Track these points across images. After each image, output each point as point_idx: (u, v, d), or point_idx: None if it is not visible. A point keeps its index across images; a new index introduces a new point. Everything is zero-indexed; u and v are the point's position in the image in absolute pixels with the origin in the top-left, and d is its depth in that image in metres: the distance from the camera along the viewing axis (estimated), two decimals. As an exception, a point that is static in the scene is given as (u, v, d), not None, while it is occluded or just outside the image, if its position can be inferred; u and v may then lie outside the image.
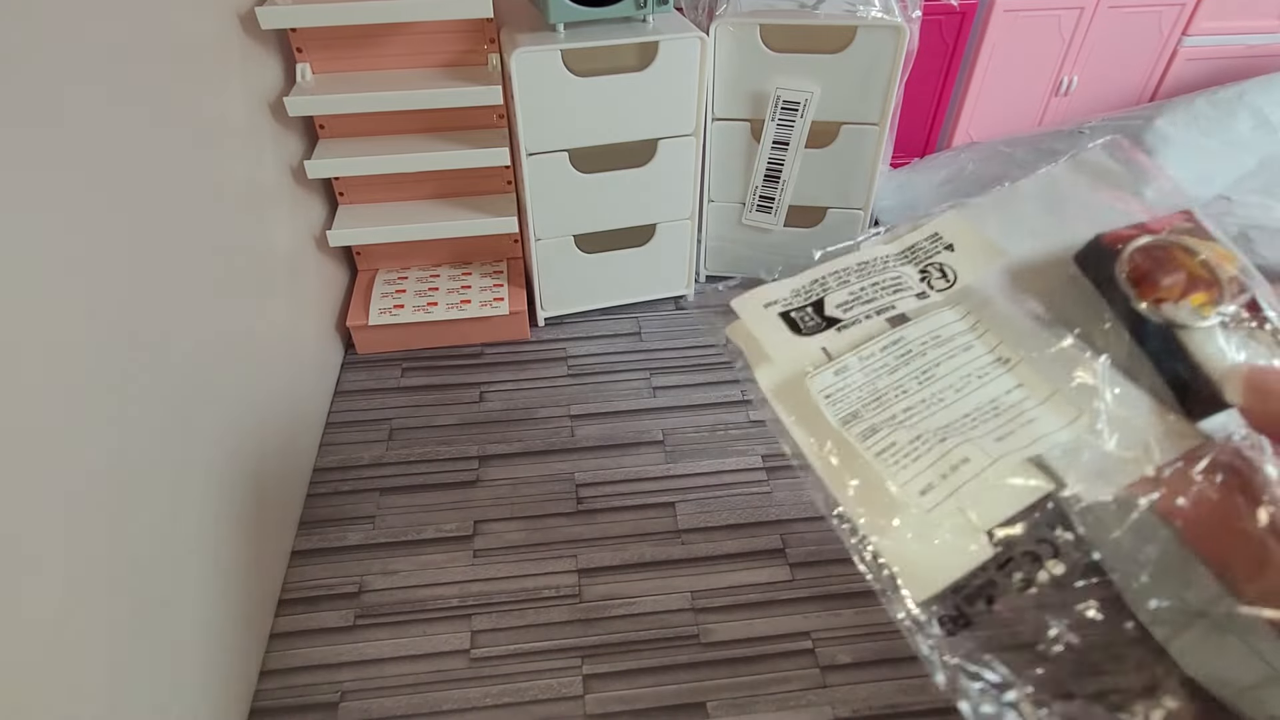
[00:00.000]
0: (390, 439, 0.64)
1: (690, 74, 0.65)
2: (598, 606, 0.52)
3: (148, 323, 0.40)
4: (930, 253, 0.26)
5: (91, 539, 0.34)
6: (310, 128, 0.69)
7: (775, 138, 0.71)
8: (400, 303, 0.73)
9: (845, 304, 0.26)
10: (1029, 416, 0.23)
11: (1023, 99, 0.88)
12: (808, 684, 0.47)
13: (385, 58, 0.66)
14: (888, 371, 0.24)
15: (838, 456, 0.23)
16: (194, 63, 0.48)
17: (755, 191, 0.75)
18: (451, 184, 0.73)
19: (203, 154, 0.48)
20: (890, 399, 0.24)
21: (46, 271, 0.33)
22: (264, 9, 0.57)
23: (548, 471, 0.61)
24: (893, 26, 0.64)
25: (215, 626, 0.44)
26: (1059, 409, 0.23)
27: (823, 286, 0.26)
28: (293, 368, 0.60)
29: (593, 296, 0.77)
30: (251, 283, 0.54)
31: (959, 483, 0.21)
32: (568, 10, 0.61)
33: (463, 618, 0.51)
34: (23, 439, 0.30)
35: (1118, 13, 0.82)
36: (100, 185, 0.37)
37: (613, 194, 0.70)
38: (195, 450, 0.44)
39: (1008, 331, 0.25)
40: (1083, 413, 0.23)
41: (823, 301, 0.26)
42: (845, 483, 0.22)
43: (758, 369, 0.25)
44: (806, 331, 0.25)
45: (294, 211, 0.64)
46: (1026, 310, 0.25)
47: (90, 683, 0.33)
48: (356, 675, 0.48)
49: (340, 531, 0.57)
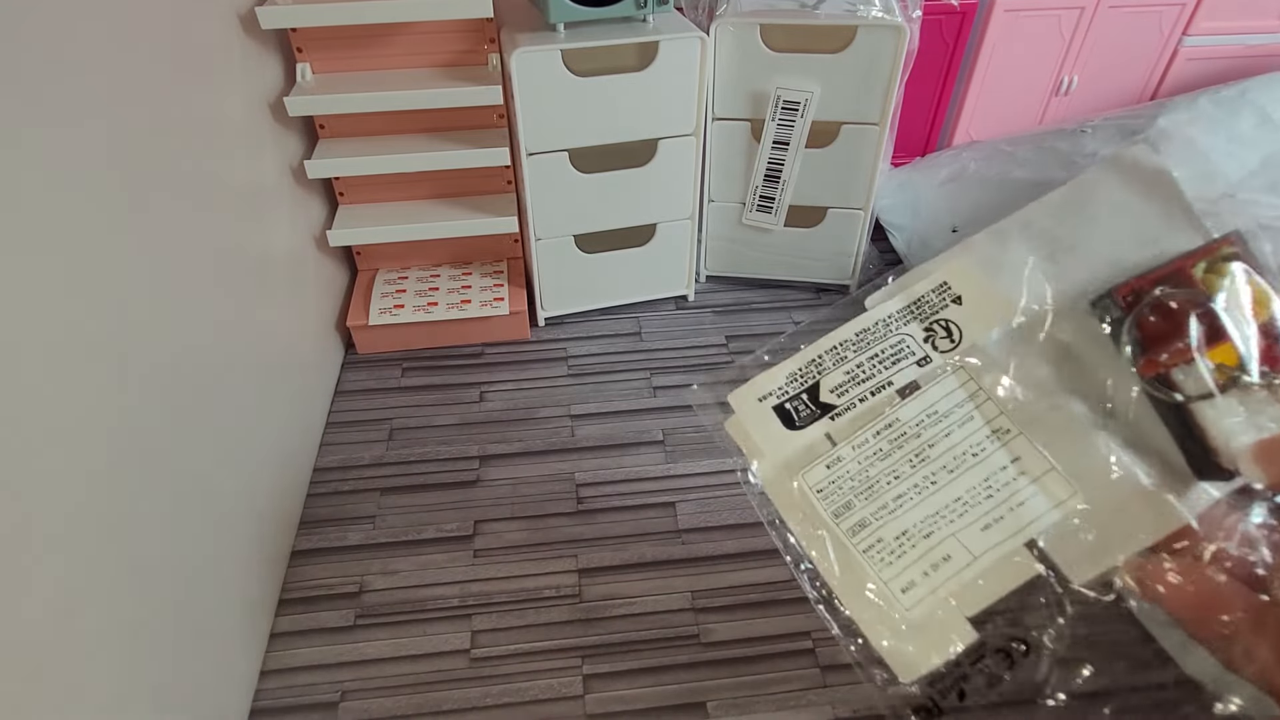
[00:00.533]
0: (390, 439, 0.64)
1: (690, 74, 0.65)
2: (598, 606, 0.52)
3: (147, 322, 0.40)
4: (937, 307, 0.26)
5: (91, 539, 0.34)
6: (310, 127, 0.69)
7: (775, 138, 0.71)
8: (400, 303, 0.73)
9: (840, 386, 0.25)
10: (1020, 498, 0.23)
11: (1023, 99, 0.87)
12: (808, 684, 0.47)
13: (385, 57, 0.66)
14: (880, 457, 0.24)
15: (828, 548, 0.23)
16: (194, 62, 0.48)
17: (755, 191, 0.75)
18: (452, 184, 0.73)
19: (202, 154, 0.48)
20: (882, 486, 0.24)
21: (46, 272, 0.33)
22: (264, 9, 0.57)
23: (548, 471, 0.61)
24: (893, 26, 0.64)
25: (215, 626, 0.44)
26: (1052, 488, 0.23)
27: (818, 368, 0.26)
28: (293, 367, 0.60)
29: (593, 296, 0.78)
30: (251, 282, 0.54)
31: (940, 581, 0.22)
32: (568, 10, 0.61)
33: (463, 618, 0.51)
34: (22, 439, 0.30)
35: (1118, 12, 0.82)
36: (99, 185, 0.37)
37: (613, 194, 0.70)
38: (195, 450, 0.44)
39: (1010, 400, 0.24)
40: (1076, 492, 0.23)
41: (818, 386, 0.25)
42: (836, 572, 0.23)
43: (755, 464, 0.25)
44: (801, 423, 0.25)
45: (294, 211, 0.64)
46: (1034, 374, 0.24)
47: (90, 683, 0.33)
48: (357, 675, 0.48)
49: (340, 531, 0.57)
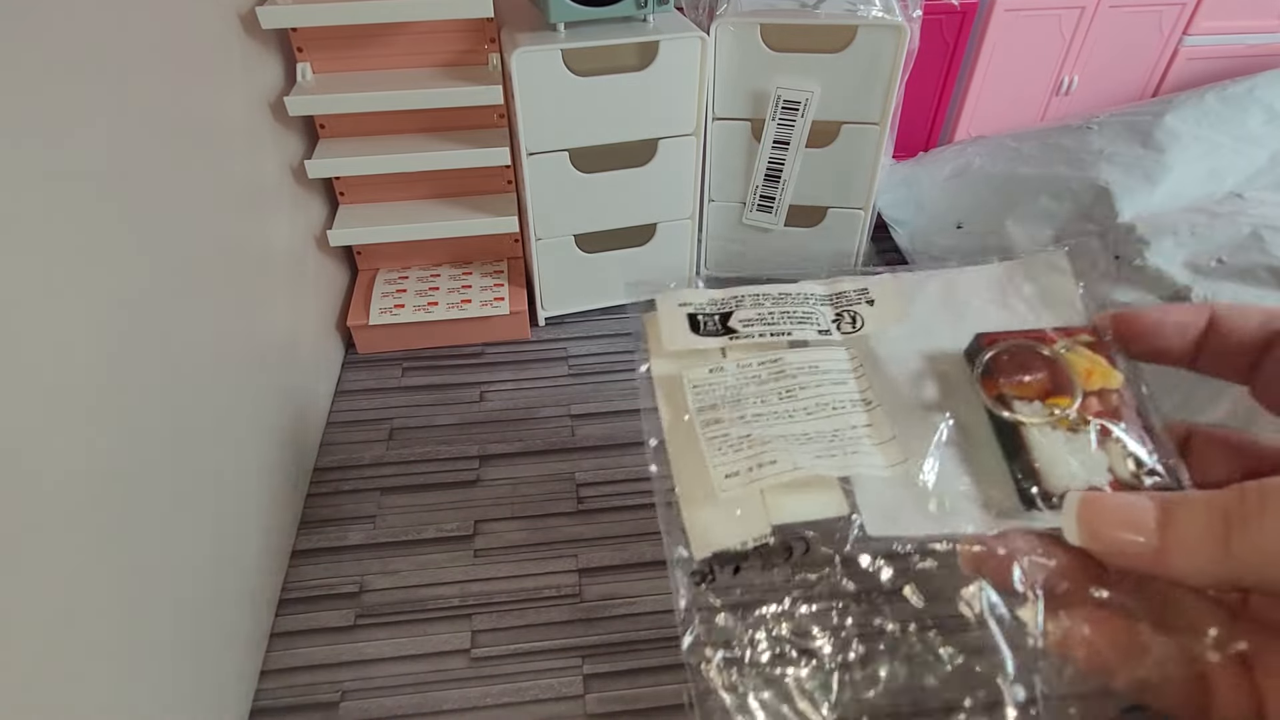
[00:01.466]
0: (391, 438, 0.64)
1: (691, 74, 0.65)
2: (598, 606, 0.52)
3: (148, 322, 0.40)
4: (853, 301, 0.29)
5: (92, 539, 0.34)
6: (310, 127, 0.69)
7: (776, 137, 0.71)
8: (401, 302, 0.73)
9: (748, 320, 0.28)
10: (857, 449, 0.25)
11: (1023, 99, 0.87)
12: (808, 684, 0.47)
13: (386, 57, 0.66)
14: (757, 382, 0.27)
15: (683, 434, 0.26)
16: (194, 62, 0.48)
17: (756, 191, 0.75)
18: (452, 184, 0.73)
19: (203, 154, 0.48)
20: (747, 403, 0.26)
21: (45, 272, 0.33)
22: (264, 9, 0.57)
23: (548, 471, 0.61)
24: (893, 26, 0.64)
25: (215, 626, 0.44)
26: (890, 451, 0.25)
27: (737, 302, 0.29)
28: (293, 367, 0.60)
29: (593, 296, 0.77)
30: (252, 282, 0.54)
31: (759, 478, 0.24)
32: (568, 10, 0.61)
33: (463, 617, 0.51)
34: (22, 440, 0.30)
35: (1118, 12, 0.81)
36: (98, 185, 0.37)
37: (613, 194, 0.70)
38: (195, 450, 0.44)
39: (883, 384, 0.27)
40: (907, 459, 0.25)
41: (731, 315, 0.28)
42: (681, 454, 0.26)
43: (654, 357, 0.28)
44: (704, 333, 0.28)
45: (294, 211, 0.64)
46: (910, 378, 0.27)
47: (89, 683, 0.33)
48: (357, 675, 0.48)
49: (341, 531, 0.57)
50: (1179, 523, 0.19)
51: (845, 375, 0.27)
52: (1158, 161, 0.70)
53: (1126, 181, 0.69)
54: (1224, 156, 0.71)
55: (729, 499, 0.24)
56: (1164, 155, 0.70)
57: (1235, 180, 0.70)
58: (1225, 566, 0.18)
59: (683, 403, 0.27)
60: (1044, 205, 0.72)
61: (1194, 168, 0.70)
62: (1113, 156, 0.72)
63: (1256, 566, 0.18)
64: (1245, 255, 0.57)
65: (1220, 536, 0.18)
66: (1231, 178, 0.70)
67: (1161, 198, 0.67)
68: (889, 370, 0.27)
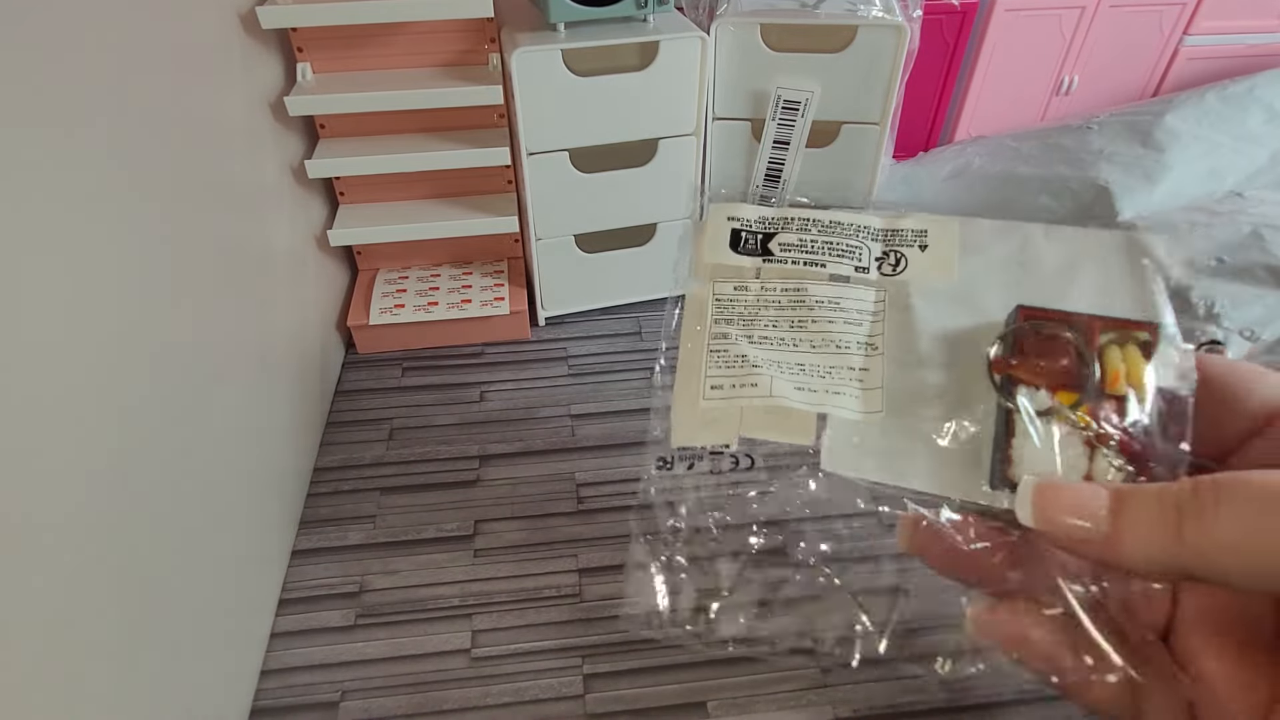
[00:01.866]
0: (391, 438, 0.64)
1: (691, 73, 0.65)
2: (598, 606, 0.52)
3: (148, 322, 0.40)
4: (906, 241, 0.28)
5: (91, 539, 0.34)
6: (310, 127, 0.69)
7: (776, 137, 0.71)
8: (401, 302, 0.73)
9: (787, 245, 0.29)
10: (841, 390, 0.26)
11: (1024, 99, 0.87)
12: (808, 683, 0.47)
13: (386, 57, 0.67)
14: (776, 307, 0.28)
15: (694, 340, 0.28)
16: (194, 62, 0.48)
17: (756, 191, 0.75)
18: (452, 184, 0.73)
19: (202, 154, 0.48)
20: (758, 325, 0.28)
21: (44, 272, 0.33)
22: (264, 9, 0.57)
23: (548, 471, 0.61)
24: (894, 26, 0.64)
25: (215, 626, 0.44)
26: (870, 399, 0.26)
27: (783, 225, 0.29)
28: (293, 367, 0.60)
29: (593, 296, 0.77)
30: (252, 282, 0.54)
31: (739, 395, 0.26)
32: (568, 10, 0.61)
33: (463, 617, 0.51)
34: (22, 440, 0.30)
35: (1118, 12, 0.81)
36: (98, 185, 0.37)
37: (613, 193, 0.70)
38: (195, 450, 0.44)
39: (897, 335, 0.27)
40: (883, 411, 0.25)
41: (773, 236, 0.29)
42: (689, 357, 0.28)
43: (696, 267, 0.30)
44: (742, 251, 0.29)
45: (294, 211, 0.64)
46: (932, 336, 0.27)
47: (89, 683, 0.33)
48: (357, 675, 0.48)
49: (341, 531, 0.57)
50: (1131, 510, 0.20)
51: (863, 317, 0.27)
52: (1158, 161, 0.70)
53: (1126, 181, 0.69)
54: (1224, 156, 0.71)
55: (708, 408, 0.27)
56: (1164, 155, 0.70)
57: (1235, 179, 0.70)
58: (1176, 556, 0.19)
59: (703, 312, 0.28)
60: (1044, 205, 0.72)
61: (1194, 167, 0.70)
62: (1113, 156, 0.72)
63: (1209, 556, 0.18)
64: (1245, 254, 0.58)
65: (1172, 526, 0.19)
66: (1231, 177, 0.70)
67: (1161, 197, 0.67)
68: (913, 323, 0.26)
